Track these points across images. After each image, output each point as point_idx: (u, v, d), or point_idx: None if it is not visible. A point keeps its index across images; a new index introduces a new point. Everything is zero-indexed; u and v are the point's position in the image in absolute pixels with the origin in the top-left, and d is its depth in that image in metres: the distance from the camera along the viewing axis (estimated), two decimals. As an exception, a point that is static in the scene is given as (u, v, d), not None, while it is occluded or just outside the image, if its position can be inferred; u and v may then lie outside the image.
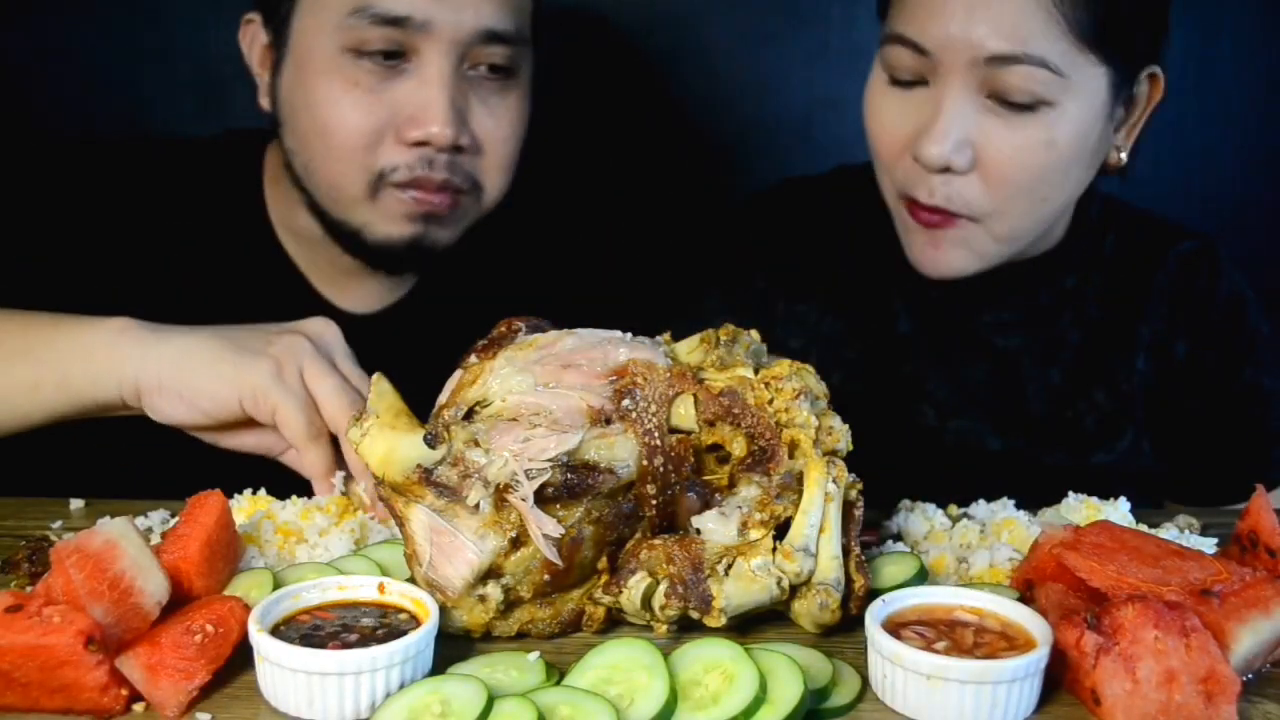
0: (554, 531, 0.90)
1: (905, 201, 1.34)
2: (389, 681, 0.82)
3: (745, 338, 1.04)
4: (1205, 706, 0.81)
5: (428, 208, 1.35)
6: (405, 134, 1.31)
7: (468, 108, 1.34)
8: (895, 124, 1.32)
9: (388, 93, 1.31)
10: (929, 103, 1.28)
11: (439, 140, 1.31)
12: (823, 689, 0.85)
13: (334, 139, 1.33)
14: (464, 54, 1.32)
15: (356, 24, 1.29)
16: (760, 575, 0.92)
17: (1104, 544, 0.95)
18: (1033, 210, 1.33)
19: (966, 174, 1.28)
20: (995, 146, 1.26)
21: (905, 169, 1.32)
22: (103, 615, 0.83)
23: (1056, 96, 1.24)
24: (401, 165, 1.32)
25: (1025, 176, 1.28)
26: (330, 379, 1.16)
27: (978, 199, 1.29)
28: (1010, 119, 1.26)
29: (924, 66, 1.27)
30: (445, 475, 0.91)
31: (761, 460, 0.96)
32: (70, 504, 1.22)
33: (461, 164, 1.35)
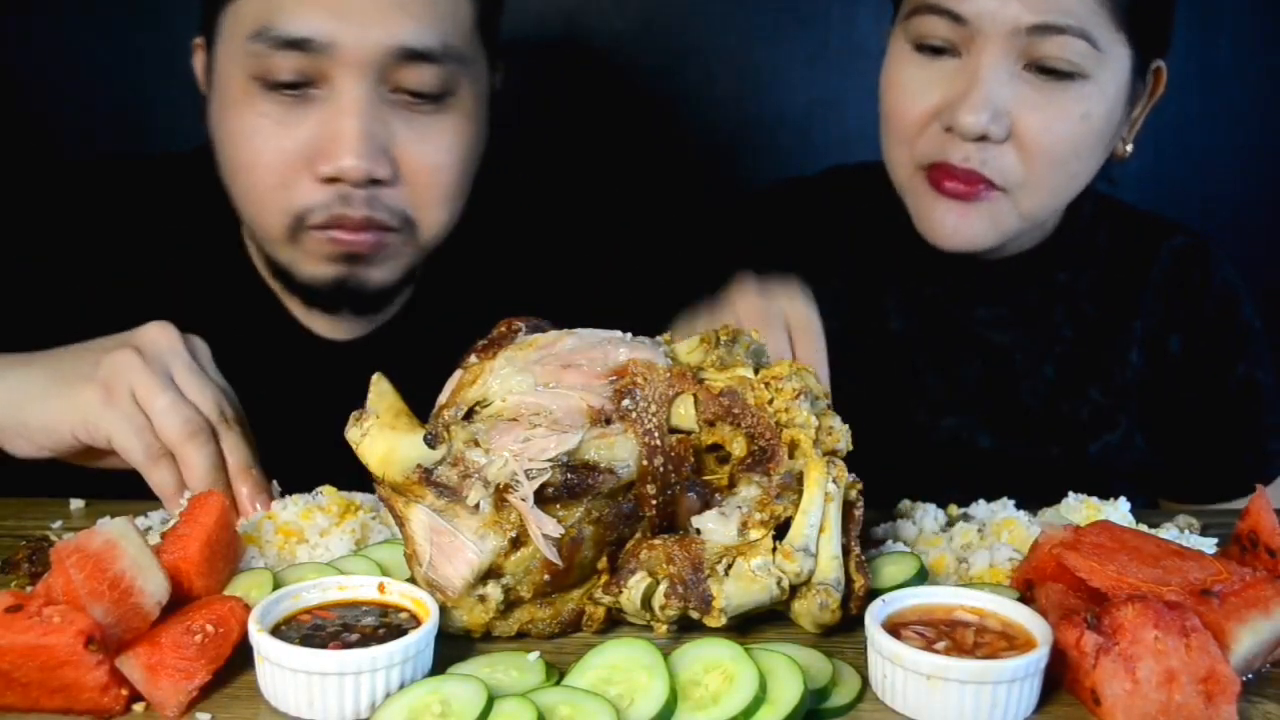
0: (554, 531, 0.91)
1: (927, 173, 1.33)
2: (389, 681, 0.82)
3: (745, 338, 1.04)
4: (1205, 706, 0.81)
5: (348, 248, 1.26)
6: (317, 169, 1.22)
7: (390, 136, 1.23)
8: (922, 93, 1.32)
9: (300, 125, 1.22)
10: (962, 72, 1.29)
11: (352, 175, 1.21)
12: (823, 689, 0.85)
13: (248, 176, 1.25)
14: (381, 77, 1.22)
15: (259, 49, 1.20)
16: (760, 575, 0.92)
17: (1104, 544, 0.95)
18: (1060, 185, 1.34)
19: (1001, 144, 1.28)
20: (1032, 116, 1.28)
21: (932, 136, 1.31)
22: (103, 615, 0.83)
23: (1092, 70, 1.26)
24: (317, 205, 1.23)
25: (1060, 148, 1.29)
26: (161, 397, 1.09)
27: (1012, 169, 1.30)
28: (1047, 89, 1.27)
29: (958, 35, 1.28)
30: (445, 475, 0.91)
31: (761, 460, 0.96)
32: (70, 504, 1.22)
33: (385, 199, 1.24)
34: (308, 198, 1.23)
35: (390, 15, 1.20)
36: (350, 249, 1.26)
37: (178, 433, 1.09)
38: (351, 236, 1.25)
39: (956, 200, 1.32)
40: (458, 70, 1.26)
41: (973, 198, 1.31)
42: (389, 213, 1.25)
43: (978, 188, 1.30)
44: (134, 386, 1.09)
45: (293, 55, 1.19)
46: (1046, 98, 1.27)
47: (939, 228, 1.34)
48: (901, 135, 1.35)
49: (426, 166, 1.26)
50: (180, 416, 1.09)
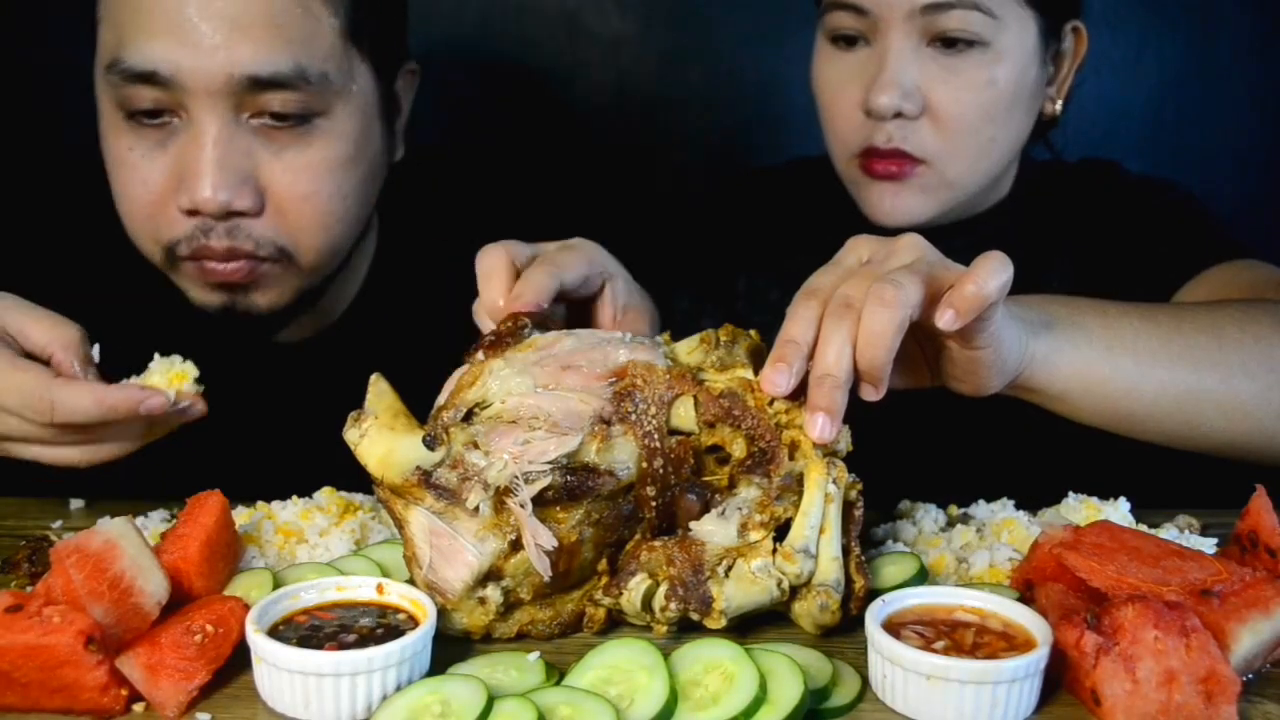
0: (547, 543, 0.90)
1: (859, 160, 1.42)
2: (385, 683, 0.82)
3: (746, 338, 1.03)
4: (1205, 706, 0.81)
5: (220, 278, 1.23)
6: (179, 200, 1.20)
7: (254, 166, 1.20)
8: (843, 83, 1.41)
9: (162, 156, 1.20)
10: (873, 58, 1.38)
11: (208, 207, 1.18)
12: (823, 689, 0.85)
13: (124, 206, 1.24)
14: (237, 104, 1.19)
15: (115, 81, 1.19)
16: (760, 577, 0.92)
17: (1104, 544, 0.95)
18: (981, 151, 1.41)
19: (917, 119, 1.37)
20: (941, 89, 1.37)
21: (859, 125, 1.40)
22: (103, 615, 0.83)
23: (991, 36, 1.35)
24: (183, 237, 1.21)
25: (971, 115, 1.38)
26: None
27: (930, 141, 1.38)
28: (950, 62, 1.36)
29: (864, 25, 1.37)
30: (444, 477, 0.91)
31: (761, 462, 0.96)
32: (70, 504, 1.22)
33: (250, 230, 1.21)
34: (174, 229, 1.22)
35: (233, 44, 1.17)
36: (222, 278, 1.24)
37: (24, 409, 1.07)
38: (220, 266, 1.22)
39: (889, 181, 1.40)
40: (321, 92, 1.22)
41: (902, 176, 1.40)
42: (255, 243, 1.22)
43: (904, 166, 1.39)
44: None
45: (144, 87, 1.18)
46: (950, 70, 1.36)
47: (878, 209, 1.42)
48: (833, 127, 1.45)
49: (296, 195, 1.22)
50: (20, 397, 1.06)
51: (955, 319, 0.91)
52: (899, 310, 0.91)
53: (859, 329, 0.93)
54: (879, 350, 0.92)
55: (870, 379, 0.95)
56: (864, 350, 0.93)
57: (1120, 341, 1.08)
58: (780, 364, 0.94)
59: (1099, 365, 1.07)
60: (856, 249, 1.04)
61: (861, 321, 0.92)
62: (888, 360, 0.93)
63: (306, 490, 1.17)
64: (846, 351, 0.93)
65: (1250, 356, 1.12)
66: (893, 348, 0.92)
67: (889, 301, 0.91)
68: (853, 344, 0.93)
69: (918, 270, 0.94)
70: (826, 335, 0.94)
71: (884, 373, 0.94)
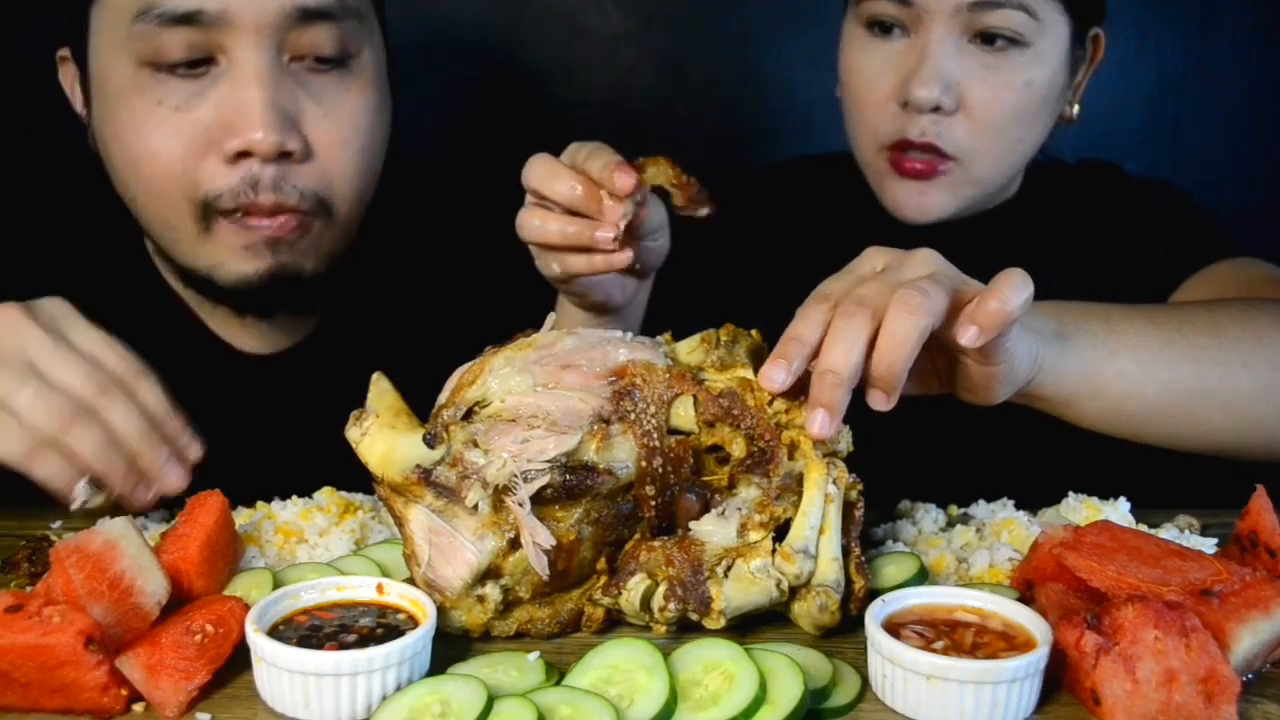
0: (545, 542, 0.90)
1: (889, 153, 1.41)
2: (385, 683, 0.82)
3: (746, 338, 1.03)
4: (1205, 706, 0.81)
5: (268, 233, 1.19)
6: (224, 147, 1.15)
7: (298, 109, 1.18)
8: (878, 72, 1.40)
9: (199, 107, 1.16)
10: (913, 49, 1.37)
11: (261, 147, 1.15)
12: (823, 689, 0.85)
13: (146, 169, 1.18)
14: (281, 43, 1.16)
15: (147, 30, 1.14)
16: (760, 577, 0.92)
17: (1104, 544, 0.95)
18: (1007, 150, 1.42)
19: (953, 114, 1.37)
20: (979, 87, 1.36)
21: (891, 116, 1.39)
22: (103, 615, 0.83)
23: (1032, 38, 1.35)
24: (225, 191, 1.17)
25: (1005, 115, 1.38)
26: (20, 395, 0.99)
27: (962, 138, 1.38)
28: (990, 60, 1.36)
29: (905, 15, 1.36)
30: (444, 476, 0.91)
31: (761, 461, 0.96)
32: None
33: (295, 178, 1.19)
34: (214, 182, 1.17)
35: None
36: (268, 234, 1.20)
37: (50, 425, 1.00)
38: (265, 220, 1.19)
39: (916, 180, 1.40)
40: (357, 30, 1.22)
41: (930, 175, 1.39)
42: (299, 194, 1.20)
43: (933, 164, 1.39)
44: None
45: (183, 31, 1.14)
46: (990, 68, 1.36)
47: (903, 205, 1.42)
48: (863, 117, 1.43)
49: (336, 140, 1.21)
50: (46, 407, 0.99)
51: (978, 335, 0.90)
52: (924, 318, 0.90)
53: (881, 333, 0.92)
54: (899, 355, 0.91)
55: (885, 385, 0.94)
56: (883, 354, 0.92)
57: (1124, 345, 1.09)
58: (780, 360, 0.94)
59: (1104, 370, 1.07)
60: (871, 259, 1.03)
61: (884, 326, 0.92)
62: (906, 366, 0.92)
63: (306, 490, 1.17)
64: (855, 350, 0.92)
65: (1251, 354, 1.13)
66: (913, 354, 0.91)
67: (915, 308, 0.90)
68: (864, 345, 0.92)
69: (940, 281, 0.94)
70: (835, 333, 0.93)
71: (900, 379, 0.93)
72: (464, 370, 0.99)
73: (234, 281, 1.23)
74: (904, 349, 0.91)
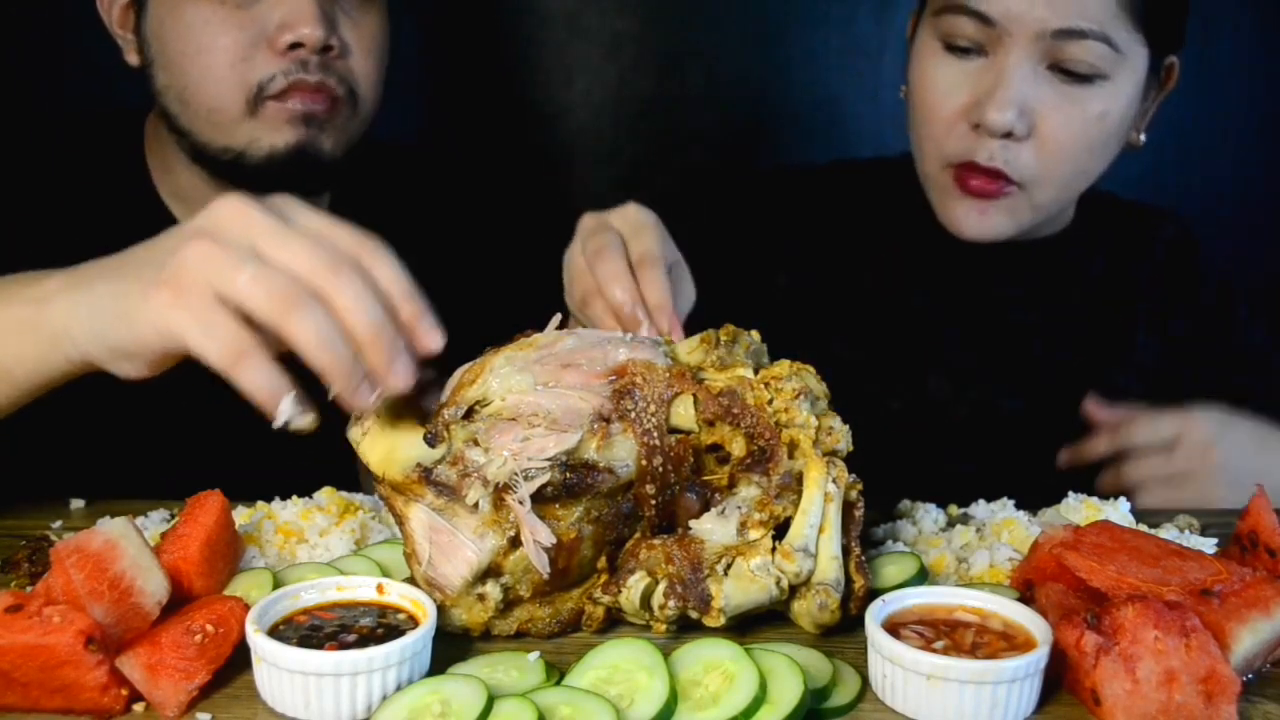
0: (546, 540, 0.90)
1: (953, 170, 1.39)
2: (385, 683, 0.82)
3: (745, 338, 1.03)
4: (1205, 706, 0.81)
5: (305, 109, 1.37)
6: (278, 41, 1.34)
7: (335, 15, 1.38)
8: (951, 90, 1.37)
9: (257, 5, 1.34)
10: (989, 71, 1.34)
11: (311, 40, 1.34)
12: (823, 689, 0.85)
13: (208, 59, 1.35)
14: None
15: None
16: (759, 575, 0.92)
17: (1104, 544, 0.95)
18: (1071, 181, 1.41)
19: (1023, 141, 1.34)
20: (1052, 116, 1.33)
21: (960, 135, 1.37)
22: (103, 615, 0.83)
23: (1112, 71, 1.32)
24: (277, 73, 1.35)
25: (1076, 146, 1.36)
26: (239, 275, 0.90)
27: (1030, 165, 1.36)
28: (1067, 90, 1.33)
29: (985, 36, 1.33)
30: (445, 474, 0.91)
31: (761, 460, 0.96)
32: (70, 504, 1.22)
33: (336, 67, 1.38)
34: (267, 68, 1.35)
35: None
36: (307, 110, 1.37)
37: (269, 308, 0.90)
38: (307, 98, 1.36)
39: (978, 199, 1.38)
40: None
41: (994, 195, 1.37)
42: (338, 78, 1.38)
43: (999, 186, 1.36)
44: (209, 277, 0.92)
45: None
46: (1067, 98, 1.33)
47: (961, 222, 1.40)
48: (931, 132, 1.40)
49: (363, 47, 1.41)
50: (263, 290, 0.90)
51: None
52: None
53: None
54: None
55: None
56: None
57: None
58: None
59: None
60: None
61: None
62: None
63: (306, 490, 1.17)
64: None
65: None
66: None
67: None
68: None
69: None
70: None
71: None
72: (465, 370, 0.99)
73: (263, 157, 1.38)
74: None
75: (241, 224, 0.94)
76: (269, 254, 0.92)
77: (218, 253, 0.92)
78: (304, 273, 0.91)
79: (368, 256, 0.94)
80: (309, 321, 0.89)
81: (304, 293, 0.90)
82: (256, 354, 0.91)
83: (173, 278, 0.92)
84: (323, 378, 0.91)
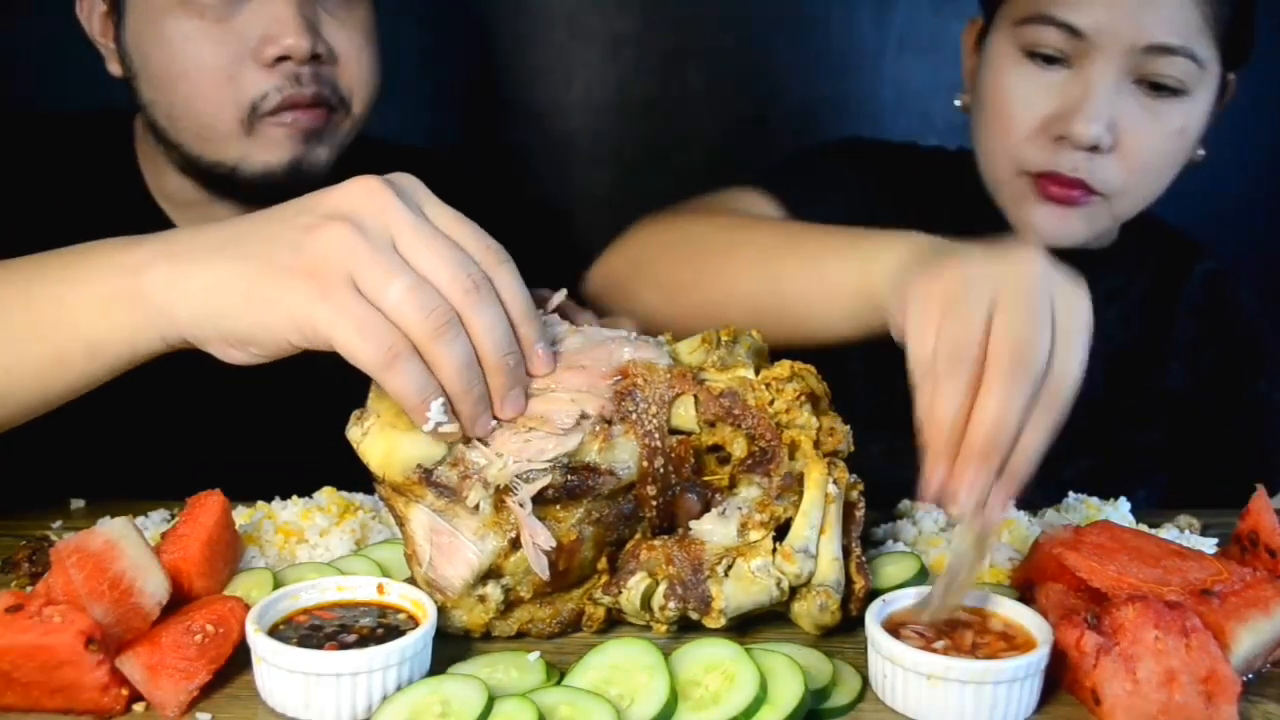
0: (545, 543, 0.90)
1: (1031, 177, 1.38)
2: (385, 683, 0.82)
3: (746, 338, 1.03)
4: (1205, 706, 0.81)
5: (304, 125, 1.32)
6: (262, 55, 1.28)
7: (318, 20, 1.32)
8: (1033, 100, 1.36)
9: (236, 18, 1.28)
10: (1074, 83, 1.33)
11: (297, 51, 1.28)
12: (823, 689, 0.85)
13: (193, 78, 1.29)
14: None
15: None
16: (760, 576, 0.92)
17: (1104, 544, 0.95)
18: (1147, 194, 1.41)
19: (1107, 153, 1.34)
20: (1136, 129, 1.34)
21: (1042, 146, 1.36)
22: (103, 615, 0.83)
23: (1194, 87, 1.33)
24: (270, 89, 1.29)
25: (1158, 160, 1.36)
26: (394, 285, 0.86)
27: (1112, 177, 1.35)
28: (1150, 104, 1.33)
29: (1072, 47, 1.33)
30: (445, 475, 0.91)
31: (762, 461, 0.96)
32: (70, 504, 1.22)
33: (326, 74, 1.33)
34: (259, 84, 1.29)
35: None
36: (306, 126, 1.32)
37: (421, 328, 0.87)
38: (304, 115, 1.31)
39: (1058, 205, 1.37)
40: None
41: (1075, 202, 1.37)
42: (330, 87, 1.33)
43: (1081, 194, 1.36)
44: (353, 273, 0.87)
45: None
46: (1150, 112, 1.33)
47: (1040, 227, 1.39)
48: (1008, 141, 1.39)
49: (351, 50, 1.35)
50: (421, 306, 0.86)
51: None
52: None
53: None
54: None
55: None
56: None
57: None
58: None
59: None
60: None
61: None
62: None
63: (306, 490, 1.17)
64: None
65: None
66: None
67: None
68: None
69: None
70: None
71: None
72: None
73: (256, 173, 1.33)
74: None
75: (379, 211, 0.89)
76: (413, 260, 0.88)
77: (362, 246, 0.87)
78: (447, 289, 0.88)
79: (494, 267, 0.91)
80: (457, 348, 0.87)
81: (453, 318, 0.88)
82: (410, 357, 0.87)
83: (315, 267, 0.87)
84: (453, 403, 0.89)
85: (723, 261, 1.17)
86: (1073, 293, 0.96)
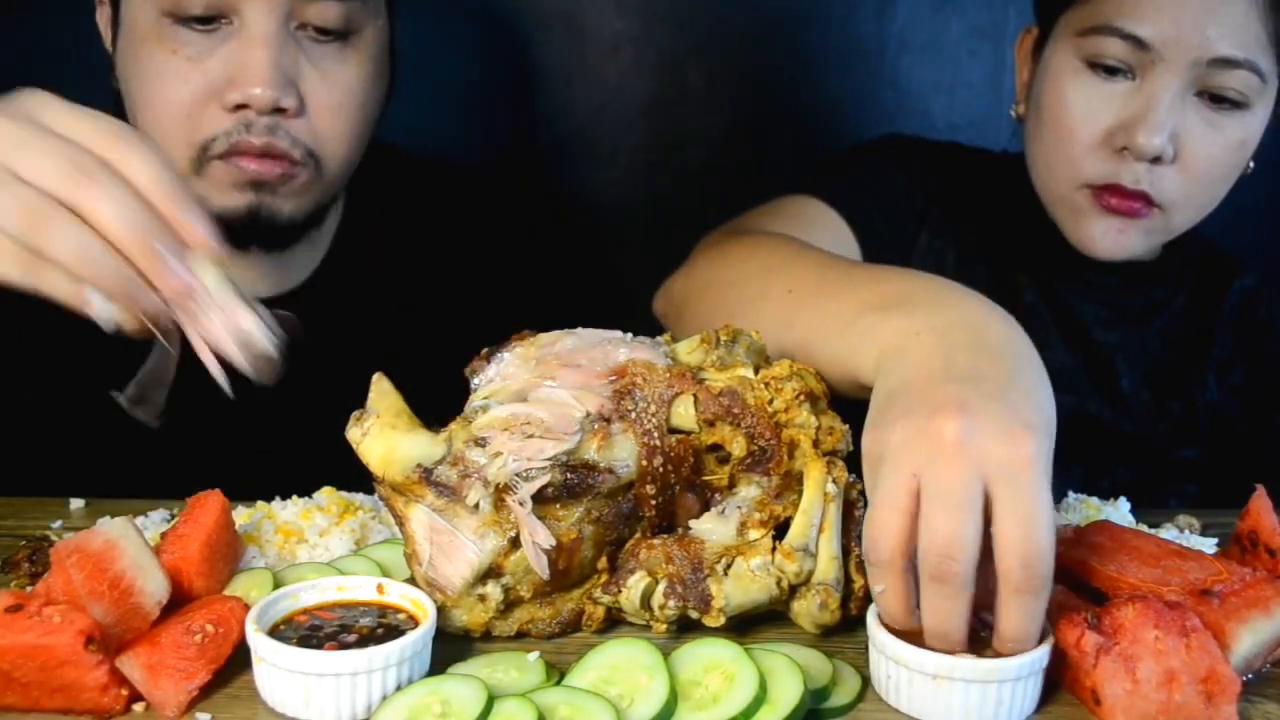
0: (545, 542, 0.90)
1: (1091, 190, 1.37)
2: (385, 683, 0.82)
3: (745, 338, 1.04)
4: (1205, 706, 0.81)
5: (253, 175, 1.27)
6: (226, 98, 1.24)
7: (297, 71, 1.27)
8: (1095, 111, 1.36)
9: (209, 59, 1.25)
10: (1138, 94, 1.33)
11: (259, 102, 1.24)
12: (823, 689, 0.85)
13: (154, 111, 1.27)
14: (290, 10, 1.25)
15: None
16: (759, 575, 0.92)
17: (1104, 544, 0.95)
18: (1205, 206, 1.41)
19: (1168, 165, 1.34)
20: (1198, 142, 1.33)
21: (1104, 157, 1.36)
22: (103, 615, 0.83)
23: (1255, 101, 1.33)
24: (220, 134, 1.25)
25: (1217, 173, 1.37)
26: (21, 151, 0.84)
27: (1173, 190, 1.35)
28: (1212, 117, 1.33)
29: (1135, 59, 1.32)
30: (445, 475, 0.91)
31: (761, 460, 0.96)
32: (70, 504, 1.22)
33: (290, 130, 1.27)
34: (212, 127, 1.26)
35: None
36: (255, 176, 1.27)
37: (20, 229, 0.84)
38: (253, 163, 1.26)
39: (1119, 216, 1.37)
40: (362, 10, 1.31)
41: (1135, 215, 1.36)
42: (291, 143, 1.28)
43: (1141, 206, 1.36)
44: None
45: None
46: (1212, 125, 1.33)
47: (1099, 240, 1.39)
48: (1070, 153, 1.38)
49: (330, 104, 1.30)
50: (14, 209, 0.84)
51: None
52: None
53: None
54: None
55: None
56: None
57: None
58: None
59: None
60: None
61: None
62: None
63: (306, 490, 1.17)
64: None
65: None
66: None
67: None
68: None
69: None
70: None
71: None
72: (466, 370, 0.99)
73: (216, 212, 1.25)
74: None
75: (16, 112, 0.87)
76: (17, 169, 0.85)
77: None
78: (50, 183, 0.84)
79: (114, 151, 0.87)
80: (61, 236, 0.84)
81: (52, 205, 0.84)
82: (46, 262, 0.85)
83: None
84: (102, 290, 0.86)
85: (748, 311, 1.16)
86: (1008, 443, 0.84)
